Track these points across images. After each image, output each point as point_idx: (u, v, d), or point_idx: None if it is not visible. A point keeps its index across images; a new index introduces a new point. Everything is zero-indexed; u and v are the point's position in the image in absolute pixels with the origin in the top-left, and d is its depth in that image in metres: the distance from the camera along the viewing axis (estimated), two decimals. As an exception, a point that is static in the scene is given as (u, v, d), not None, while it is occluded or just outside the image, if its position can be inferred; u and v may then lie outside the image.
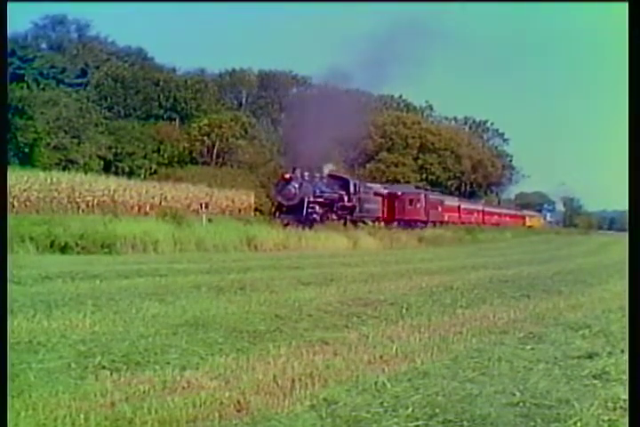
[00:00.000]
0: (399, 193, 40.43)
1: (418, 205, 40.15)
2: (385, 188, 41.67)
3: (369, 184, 39.42)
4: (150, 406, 3.77)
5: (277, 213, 29.18)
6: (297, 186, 29.26)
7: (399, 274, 12.97)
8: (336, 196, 32.34)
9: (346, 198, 33.13)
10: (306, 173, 30.38)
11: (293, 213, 28.47)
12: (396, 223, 36.55)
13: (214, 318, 6.81)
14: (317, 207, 29.67)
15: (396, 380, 4.55)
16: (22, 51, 50.29)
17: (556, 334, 6.53)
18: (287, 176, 29.92)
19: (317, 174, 32.07)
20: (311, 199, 29.41)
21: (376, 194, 37.93)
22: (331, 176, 33.74)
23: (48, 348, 5.19)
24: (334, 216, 31.55)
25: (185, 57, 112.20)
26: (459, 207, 51.85)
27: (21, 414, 3.56)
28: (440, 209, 44.62)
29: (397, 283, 10.97)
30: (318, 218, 29.19)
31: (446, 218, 45.72)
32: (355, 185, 34.47)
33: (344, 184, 33.76)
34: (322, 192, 30.88)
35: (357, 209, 34.07)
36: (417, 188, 46.95)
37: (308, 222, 27.38)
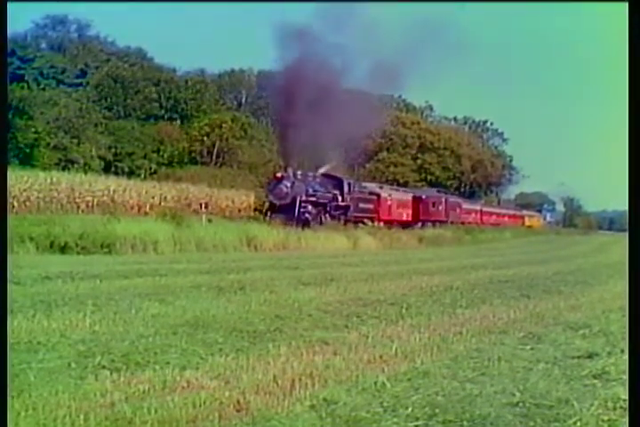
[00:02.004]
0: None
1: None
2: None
3: (364, 183, 39.04)
4: (150, 406, 3.77)
5: (269, 213, 28.47)
6: (289, 185, 28.65)
7: (399, 274, 12.97)
8: (329, 195, 31.72)
9: (340, 198, 32.51)
10: (298, 172, 29.79)
11: (285, 212, 27.77)
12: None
13: (214, 318, 6.81)
14: (310, 207, 29.07)
15: (395, 380, 4.55)
16: (22, 51, 50.28)
17: (555, 334, 6.53)
18: (279, 175, 29.34)
19: (310, 173, 31.46)
20: (303, 199, 28.79)
21: (371, 193, 37.53)
22: (324, 175, 33.10)
23: (48, 348, 5.19)
24: (328, 216, 30.92)
25: (185, 57, 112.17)
26: None
27: (21, 414, 3.56)
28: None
29: (397, 283, 10.97)
30: (311, 218, 28.60)
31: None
32: (349, 184, 33.86)
33: (338, 184, 33.12)
34: (315, 191, 30.26)
35: (352, 209, 33.48)
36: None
37: (300, 222, 26.87)
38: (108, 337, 5.65)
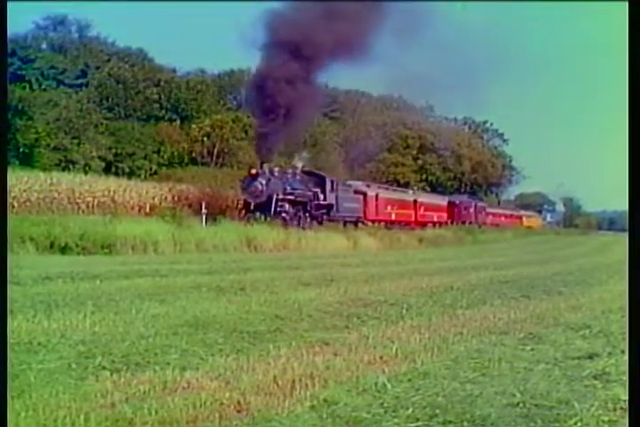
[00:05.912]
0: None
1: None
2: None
3: (349, 182, 37.48)
4: (150, 407, 3.77)
5: (244, 212, 26.62)
6: (264, 182, 26.73)
7: (399, 274, 12.97)
8: (310, 194, 29.67)
9: (321, 197, 30.67)
10: (275, 169, 28.19)
11: (261, 211, 25.76)
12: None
13: (214, 318, 6.81)
14: (287, 206, 27.31)
15: (396, 380, 4.55)
16: (23, 51, 50.31)
17: (556, 335, 6.52)
18: (254, 172, 27.44)
19: (290, 170, 29.90)
20: (280, 197, 26.83)
21: (356, 192, 35.70)
22: (305, 173, 31.30)
23: (48, 348, 5.19)
24: (308, 216, 29.24)
25: (185, 57, 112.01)
26: None
27: (21, 415, 3.56)
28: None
29: (397, 283, 10.97)
30: (288, 218, 26.90)
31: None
32: (332, 182, 32.08)
33: (319, 181, 31.10)
34: (293, 189, 28.20)
35: (335, 208, 31.85)
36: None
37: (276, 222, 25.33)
38: (108, 338, 5.65)
